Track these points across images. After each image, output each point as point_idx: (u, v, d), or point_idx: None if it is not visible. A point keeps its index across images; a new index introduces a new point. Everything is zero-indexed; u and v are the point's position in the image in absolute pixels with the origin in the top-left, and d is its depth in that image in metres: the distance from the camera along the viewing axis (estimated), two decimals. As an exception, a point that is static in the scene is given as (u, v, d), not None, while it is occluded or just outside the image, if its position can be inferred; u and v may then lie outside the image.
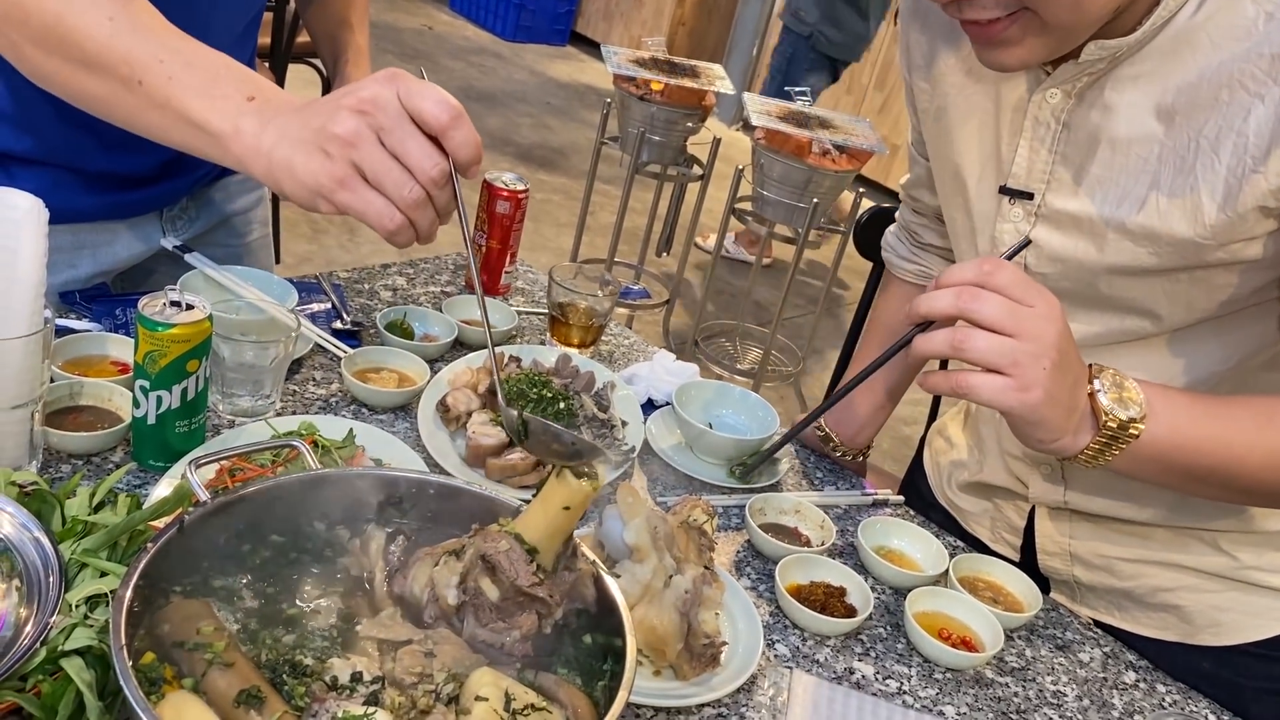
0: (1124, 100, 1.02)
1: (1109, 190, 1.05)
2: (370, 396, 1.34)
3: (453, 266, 1.79)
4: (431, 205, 0.85)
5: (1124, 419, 0.96)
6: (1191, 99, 0.98)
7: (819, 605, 1.16)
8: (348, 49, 1.58)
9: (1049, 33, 0.94)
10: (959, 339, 0.93)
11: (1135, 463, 0.99)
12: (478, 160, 0.86)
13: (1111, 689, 1.18)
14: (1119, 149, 1.04)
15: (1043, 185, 1.11)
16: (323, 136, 0.82)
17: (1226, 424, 1.00)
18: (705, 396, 1.50)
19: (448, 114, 0.83)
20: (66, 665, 0.80)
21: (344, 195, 0.84)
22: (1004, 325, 0.91)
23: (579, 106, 6.90)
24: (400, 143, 0.83)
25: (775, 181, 3.19)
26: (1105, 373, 0.98)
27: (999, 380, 0.92)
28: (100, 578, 0.89)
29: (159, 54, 0.90)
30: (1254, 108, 0.94)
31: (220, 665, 0.73)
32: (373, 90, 0.83)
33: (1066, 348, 0.94)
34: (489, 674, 0.75)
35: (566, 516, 0.79)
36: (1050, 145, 1.09)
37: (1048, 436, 0.96)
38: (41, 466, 1.10)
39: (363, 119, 0.82)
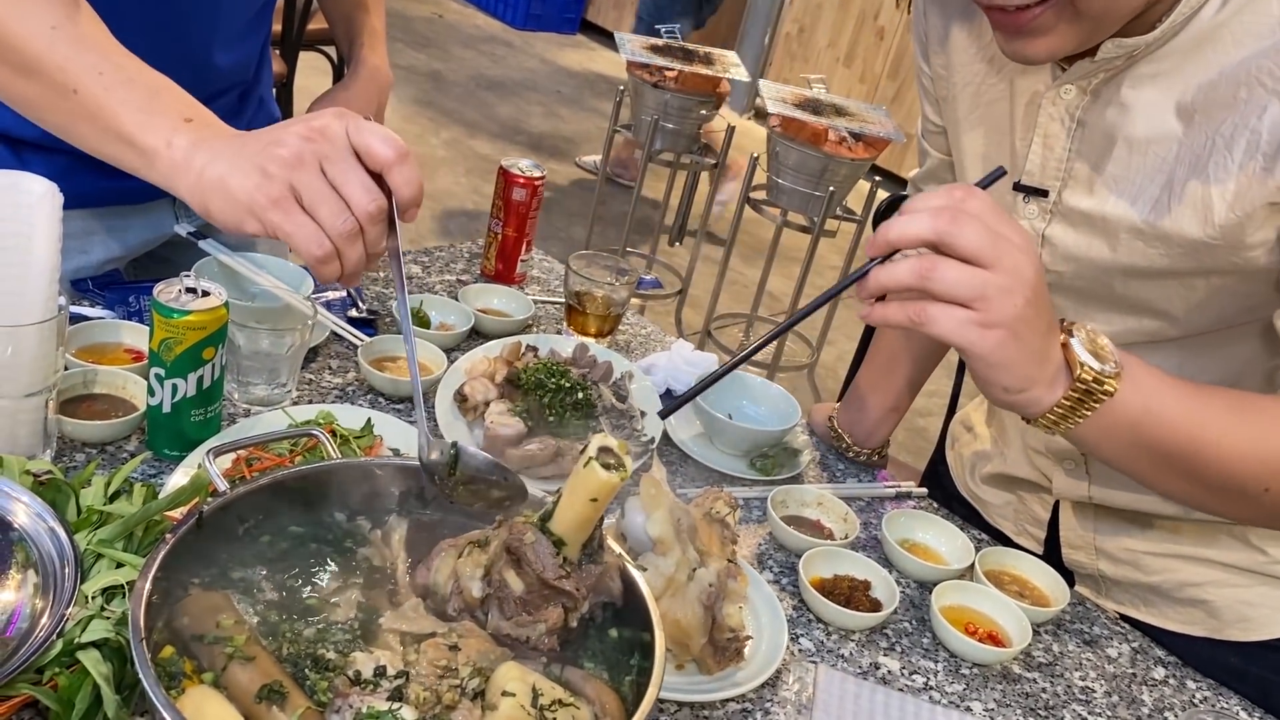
0: (1142, 99, 1.00)
1: (1124, 189, 1.03)
2: (387, 386, 1.32)
3: (468, 255, 1.77)
4: (362, 241, 0.84)
5: (1099, 371, 0.88)
6: (1210, 98, 0.95)
7: (844, 599, 1.14)
8: (363, 31, 1.57)
9: (1080, 21, 0.91)
10: (926, 266, 0.84)
11: (1103, 432, 0.92)
12: (418, 201, 0.86)
13: (1141, 685, 1.16)
14: (1136, 148, 1.01)
15: (1058, 182, 1.09)
16: (264, 156, 0.82)
17: (1201, 406, 0.94)
18: (725, 387, 1.48)
19: (395, 151, 0.83)
20: (83, 658, 0.79)
21: (275, 215, 0.83)
22: (982, 254, 0.83)
23: (590, 95, 6.87)
24: (342, 174, 0.82)
25: (791, 169, 3.16)
26: (1080, 327, 0.92)
27: (961, 312, 0.84)
28: (116, 569, 0.87)
29: (99, 67, 0.90)
30: (1270, 105, 0.92)
31: (241, 659, 0.72)
32: (323, 121, 0.83)
33: (1040, 287, 0.86)
34: (515, 668, 0.73)
35: (593, 508, 0.78)
36: (1065, 142, 1.07)
37: (1013, 383, 0.88)
38: (55, 455, 1.08)
39: (308, 145, 0.82)
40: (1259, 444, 0.93)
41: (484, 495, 0.83)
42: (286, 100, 3.67)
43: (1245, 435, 0.93)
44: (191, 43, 1.31)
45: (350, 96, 1.51)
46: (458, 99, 6.01)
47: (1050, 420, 0.91)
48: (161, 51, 1.27)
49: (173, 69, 1.31)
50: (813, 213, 3.20)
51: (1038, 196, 1.10)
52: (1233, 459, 0.93)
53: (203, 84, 1.38)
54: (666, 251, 4.28)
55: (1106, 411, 0.90)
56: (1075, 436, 0.93)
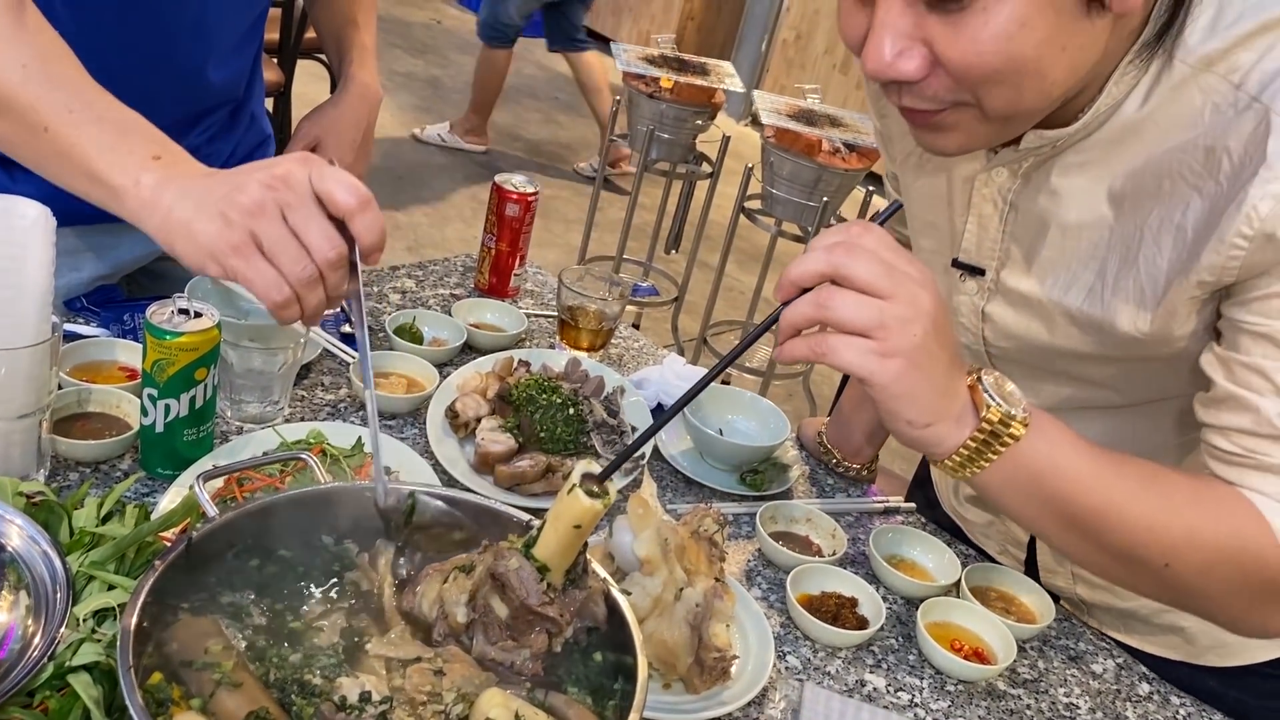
0: (1072, 186, 1.00)
1: (1059, 274, 1.04)
2: (379, 403, 1.33)
3: (462, 269, 1.78)
4: (322, 287, 0.85)
5: (1005, 413, 0.87)
6: (1138, 186, 0.95)
7: (831, 617, 1.15)
8: (353, 48, 1.57)
9: (988, 122, 0.90)
10: (824, 297, 0.85)
11: (1007, 480, 0.90)
12: (380, 246, 0.87)
13: (1125, 701, 1.17)
14: (1069, 234, 1.02)
15: (994, 262, 1.09)
16: (226, 203, 0.83)
17: (1112, 472, 0.92)
18: (716, 402, 1.49)
19: (356, 199, 0.84)
20: (74, 681, 0.80)
21: (236, 261, 0.84)
22: (877, 285, 0.83)
23: (588, 101, 6.88)
24: (303, 221, 0.83)
25: (785, 180, 3.18)
26: (989, 372, 0.91)
27: (861, 342, 0.84)
28: (108, 591, 0.88)
29: (70, 104, 0.91)
30: (1192, 201, 0.92)
31: (229, 685, 0.73)
32: (286, 168, 0.84)
33: (941, 320, 0.86)
34: (498, 694, 0.74)
35: (577, 535, 0.79)
36: (999, 224, 1.07)
37: (917, 416, 0.87)
38: (49, 474, 1.09)
39: (270, 193, 0.83)
40: (1165, 518, 0.91)
41: (443, 539, 0.84)
42: (284, 108, 3.68)
43: (1152, 507, 0.91)
44: (183, 61, 1.32)
45: (339, 114, 1.52)
46: (456, 105, 6.02)
47: (956, 462, 0.90)
48: (152, 70, 1.29)
49: (164, 87, 1.32)
50: (807, 222, 3.21)
51: (975, 274, 1.11)
52: (1137, 529, 0.91)
53: (194, 101, 1.39)
54: (663, 259, 4.29)
55: (1011, 458, 0.89)
56: (980, 484, 0.92)
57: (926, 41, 0.85)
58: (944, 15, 0.83)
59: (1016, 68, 0.83)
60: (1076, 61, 0.86)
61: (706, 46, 7.26)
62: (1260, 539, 0.90)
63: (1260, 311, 0.89)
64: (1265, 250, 0.86)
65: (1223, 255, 0.89)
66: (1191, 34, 0.90)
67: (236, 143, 1.53)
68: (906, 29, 0.85)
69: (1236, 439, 0.92)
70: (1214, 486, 0.93)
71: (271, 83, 3.49)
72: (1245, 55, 0.88)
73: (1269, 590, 0.92)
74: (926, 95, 0.88)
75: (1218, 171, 0.90)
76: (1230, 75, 0.89)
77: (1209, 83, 0.90)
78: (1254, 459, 0.91)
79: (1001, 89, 0.85)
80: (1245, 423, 0.91)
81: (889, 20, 0.85)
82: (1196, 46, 0.90)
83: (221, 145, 1.50)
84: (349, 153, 1.53)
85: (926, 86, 0.87)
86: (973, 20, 0.82)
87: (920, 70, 0.86)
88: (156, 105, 1.34)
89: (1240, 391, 0.91)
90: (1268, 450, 0.90)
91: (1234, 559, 0.91)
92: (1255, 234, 0.86)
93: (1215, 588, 0.93)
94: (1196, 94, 0.91)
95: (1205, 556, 0.91)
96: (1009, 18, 0.81)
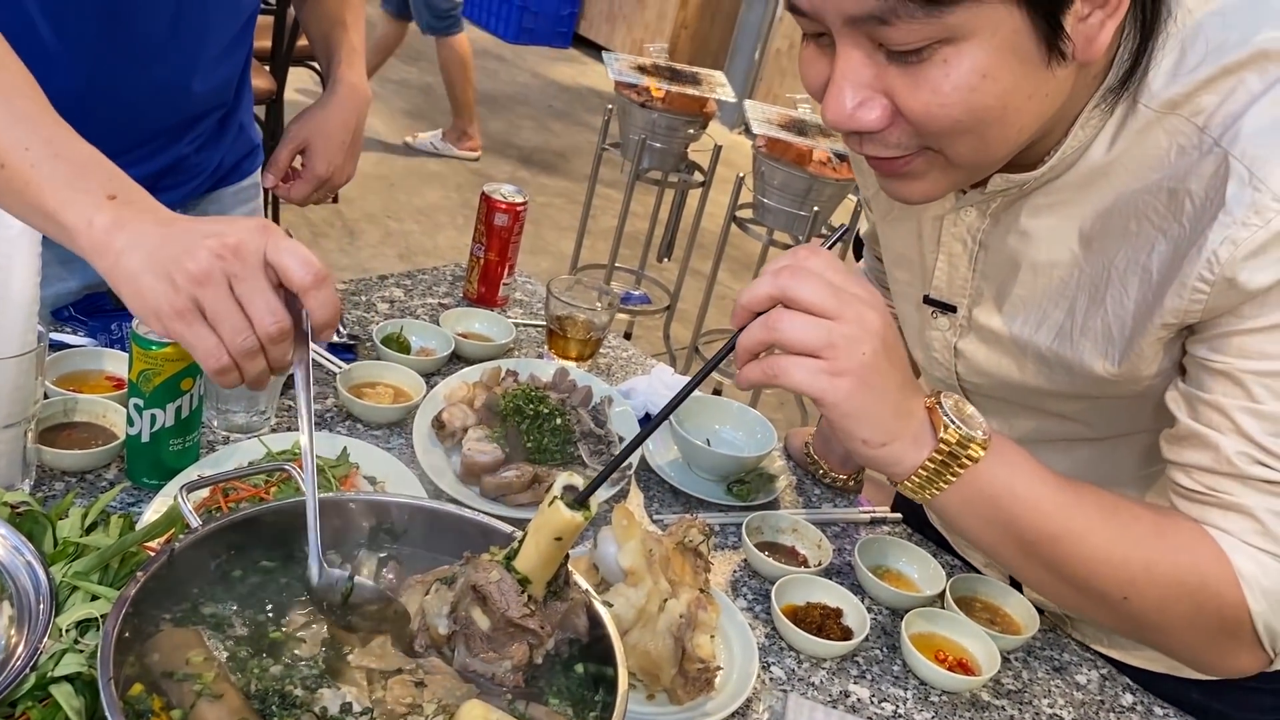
0: (1041, 226, 1.00)
1: (1030, 312, 1.04)
2: (365, 413, 1.33)
3: (451, 278, 1.78)
4: (264, 357, 0.85)
5: (963, 434, 0.87)
6: (1107, 226, 0.96)
7: (815, 627, 1.16)
8: (341, 48, 1.57)
9: (953, 169, 0.90)
10: (773, 319, 0.85)
11: (965, 503, 0.90)
12: (333, 324, 0.87)
13: (1109, 712, 1.17)
14: (1040, 272, 1.02)
15: (965, 299, 1.10)
16: (175, 265, 0.82)
17: (1072, 500, 0.91)
18: (703, 412, 1.49)
19: (311, 276, 0.83)
20: (56, 692, 0.80)
21: (178, 325, 0.84)
22: (823, 306, 0.84)
23: (581, 110, 6.90)
24: (249, 293, 0.83)
25: (776, 189, 3.19)
26: (948, 395, 0.91)
27: (811, 362, 0.84)
28: (91, 601, 0.89)
29: (26, 142, 0.90)
30: (1157, 243, 0.92)
31: (209, 697, 0.73)
32: (239, 238, 0.83)
33: (891, 340, 0.87)
34: (479, 706, 0.74)
35: (558, 547, 0.79)
36: (969, 262, 1.08)
37: (872, 435, 0.87)
38: (34, 484, 1.09)
39: (219, 262, 0.82)
40: (1124, 550, 0.91)
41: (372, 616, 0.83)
42: (277, 116, 3.69)
43: (1111, 539, 0.91)
44: (167, 71, 1.32)
45: (327, 115, 1.53)
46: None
47: (915, 484, 0.90)
48: (137, 81, 1.29)
49: (149, 97, 1.32)
50: (798, 232, 3.22)
51: (948, 311, 1.12)
52: (1096, 560, 0.91)
53: (180, 110, 1.40)
54: (655, 267, 4.30)
55: (970, 480, 0.89)
56: (938, 507, 0.92)
57: (887, 92, 0.84)
58: (904, 67, 0.82)
59: (979, 118, 0.83)
60: (1041, 109, 0.86)
61: (700, 56, 7.28)
62: (1220, 576, 0.89)
63: (1221, 349, 0.89)
64: (1227, 294, 0.87)
65: (1185, 299, 0.89)
66: (1155, 78, 0.90)
67: (225, 152, 1.53)
68: (866, 80, 0.84)
69: (1198, 476, 0.91)
70: (1176, 521, 0.93)
71: (264, 90, 3.49)
72: (1209, 98, 0.88)
73: (1227, 628, 0.91)
74: (890, 143, 0.88)
75: (1181, 214, 0.90)
76: (1195, 117, 0.89)
77: (1174, 124, 0.90)
78: (1215, 497, 0.90)
79: (965, 138, 0.85)
80: (1206, 460, 0.90)
81: (849, 71, 0.84)
82: (1160, 91, 0.90)
83: (209, 155, 1.50)
84: (338, 154, 1.53)
85: (889, 135, 0.87)
86: (933, 72, 0.81)
87: (881, 121, 0.85)
88: (142, 115, 1.35)
89: (1202, 429, 0.90)
90: (1228, 488, 0.89)
91: (1193, 595, 0.90)
92: (1216, 279, 0.86)
93: (1173, 623, 0.92)
94: (1162, 136, 0.91)
95: (1164, 591, 0.90)
96: (970, 69, 0.80)
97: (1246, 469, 0.88)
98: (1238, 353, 0.88)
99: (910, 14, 0.77)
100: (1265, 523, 0.88)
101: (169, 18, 1.26)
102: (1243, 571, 0.88)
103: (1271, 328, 0.86)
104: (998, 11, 0.78)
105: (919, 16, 0.77)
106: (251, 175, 1.63)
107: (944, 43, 0.79)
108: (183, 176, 1.46)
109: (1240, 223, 0.84)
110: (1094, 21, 0.82)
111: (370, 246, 4.38)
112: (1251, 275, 0.84)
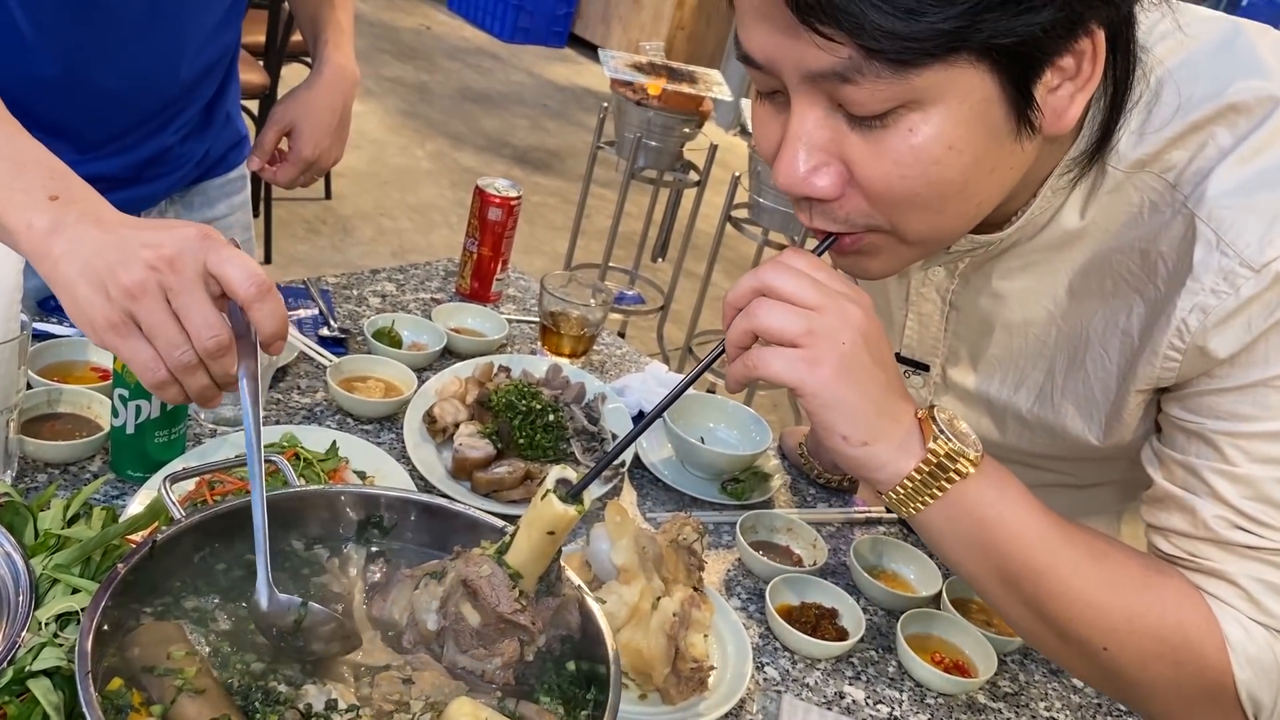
0: (1014, 287, 0.98)
1: (1008, 372, 1.02)
2: (355, 407, 1.31)
3: (444, 273, 1.76)
4: (205, 372, 0.83)
5: (953, 447, 0.83)
6: (1084, 283, 0.93)
7: (810, 627, 1.14)
8: (327, 27, 1.55)
9: (906, 247, 0.86)
10: (751, 306, 0.82)
11: (949, 521, 0.85)
12: (282, 336, 0.84)
13: (1105, 716, 1.16)
14: (1015, 332, 1.00)
15: (938, 358, 1.08)
16: (109, 276, 0.80)
17: (1060, 537, 0.86)
18: (698, 410, 1.48)
19: (255, 286, 0.81)
20: (34, 686, 0.78)
21: (112, 338, 0.81)
22: (803, 297, 0.80)
23: (576, 109, 6.88)
24: (185, 306, 0.81)
25: (772, 189, 3.17)
26: (941, 409, 0.87)
27: (788, 351, 0.80)
28: (71, 594, 0.86)
29: None
30: (1134, 304, 0.90)
31: (190, 692, 0.71)
32: (177, 248, 0.80)
33: (874, 335, 0.82)
34: (468, 704, 0.73)
35: (550, 541, 0.77)
36: (940, 322, 1.06)
37: (853, 433, 0.82)
38: (17, 475, 1.07)
39: (153, 275, 0.80)
40: (1108, 597, 0.86)
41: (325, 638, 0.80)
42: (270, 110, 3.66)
43: (1097, 583, 0.86)
44: (150, 59, 1.29)
45: (313, 97, 1.49)
46: (444, 111, 6.02)
47: (900, 496, 0.85)
48: (118, 70, 1.27)
49: (132, 86, 1.30)
50: (793, 232, 3.21)
51: (920, 370, 1.10)
52: (1079, 603, 0.86)
53: (165, 98, 1.37)
54: (649, 267, 4.28)
55: (956, 498, 0.84)
56: (922, 524, 0.87)
57: (844, 159, 0.79)
58: (865, 133, 0.77)
59: (939, 192, 0.78)
60: (1002, 183, 0.82)
61: (696, 56, 7.27)
62: (1205, 637, 0.85)
63: (1193, 409, 0.86)
64: (1198, 362, 0.84)
65: (1157, 368, 0.87)
66: (1123, 139, 0.87)
67: (211, 143, 1.51)
68: (822, 143, 0.79)
69: (1177, 541, 0.88)
70: (1166, 576, 0.88)
71: (257, 85, 3.47)
72: (1178, 154, 0.86)
73: (1209, 693, 0.86)
74: (839, 218, 0.83)
75: (1155, 276, 0.88)
76: (1166, 174, 0.86)
77: (1145, 181, 0.87)
78: (1196, 563, 0.87)
79: (922, 214, 0.81)
80: (1184, 525, 0.87)
81: (804, 132, 0.79)
82: (1128, 152, 0.87)
83: (195, 145, 1.48)
84: (325, 137, 1.50)
85: (839, 207, 0.82)
86: (895, 141, 0.76)
87: (834, 189, 0.80)
88: (125, 103, 1.32)
89: (1177, 491, 0.87)
90: (1208, 554, 0.86)
91: (1175, 653, 0.86)
92: (1187, 347, 0.84)
93: (1154, 680, 0.87)
94: (1134, 193, 0.88)
95: (1146, 645, 0.86)
96: (935, 138, 0.75)
97: (1225, 534, 0.84)
98: (1210, 413, 0.85)
99: (876, 73, 0.72)
100: (1249, 590, 0.84)
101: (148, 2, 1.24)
102: (1229, 636, 0.85)
103: (1243, 388, 0.83)
104: (968, 77, 0.73)
105: (885, 76, 0.72)
106: (238, 168, 1.60)
107: (909, 108, 0.74)
108: (168, 167, 1.44)
109: (1209, 290, 0.82)
110: (1064, 94, 0.77)
111: (363, 244, 4.36)
112: (1222, 342, 0.82)
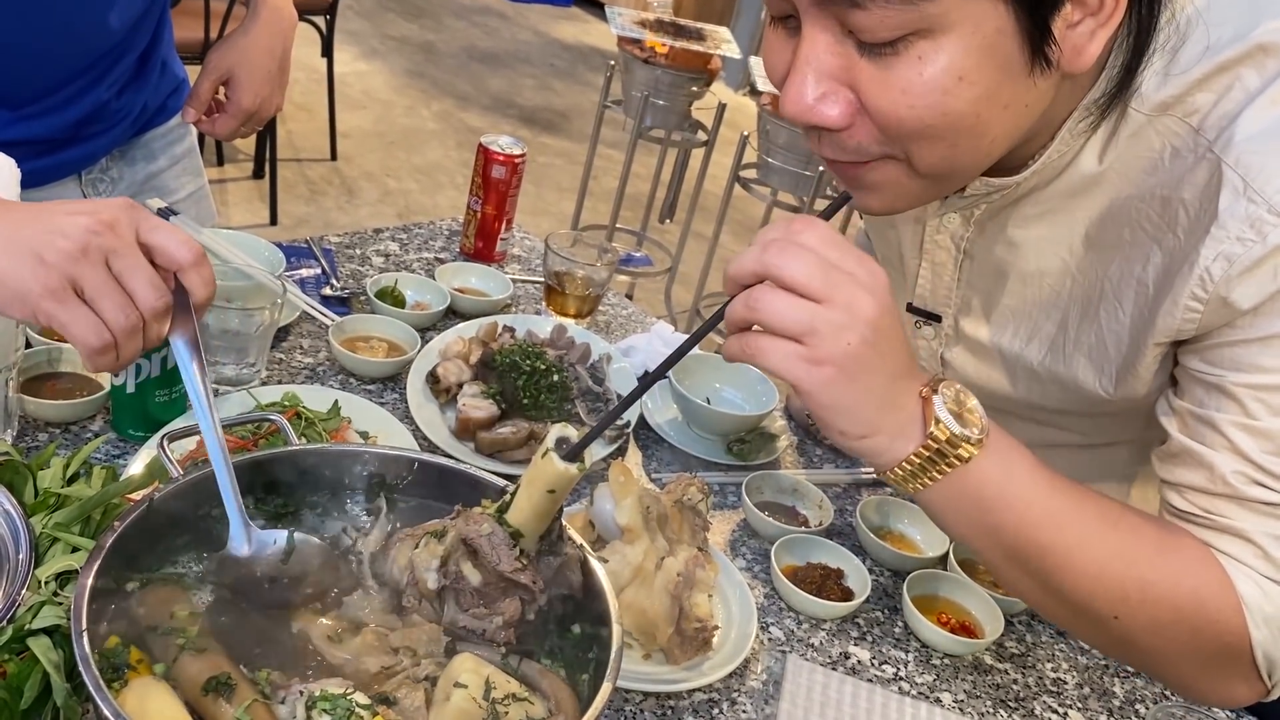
0: (1030, 235, 0.95)
1: (1020, 324, 1.00)
2: (358, 366, 1.30)
3: (447, 232, 1.75)
4: (141, 336, 0.82)
5: (954, 433, 0.79)
6: (1100, 233, 0.91)
7: (815, 588, 1.13)
8: None
9: (918, 180, 0.82)
10: (754, 298, 0.77)
11: (950, 501, 0.83)
12: (210, 300, 0.86)
13: (1113, 677, 1.16)
14: (1029, 281, 0.97)
15: (951, 309, 1.06)
16: (44, 245, 0.78)
17: (1069, 507, 0.84)
18: (703, 370, 1.46)
19: (189, 253, 0.82)
20: (33, 645, 0.78)
21: (50, 305, 0.79)
22: (810, 287, 0.75)
23: (583, 69, 6.82)
24: (129, 269, 0.80)
25: (781, 149, 3.14)
26: (950, 384, 0.82)
27: (789, 346, 0.76)
28: (71, 553, 0.86)
29: None
30: (1152, 254, 0.87)
31: (192, 651, 0.71)
32: (112, 214, 0.80)
33: (885, 327, 0.78)
34: (470, 659, 0.72)
35: (551, 500, 0.76)
36: (954, 270, 1.03)
37: (850, 428, 0.79)
38: (17, 435, 1.07)
39: (94, 237, 0.78)
40: (1119, 566, 0.83)
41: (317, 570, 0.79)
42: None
43: (1106, 553, 0.83)
44: (78, 9, 1.24)
45: (250, 42, 1.42)
46: (450, 71, 5.96)
47: (900, 476, 0.82)
48: (47, 22, 1.21)
49: (62, 39, 1.24)
50: (802, 192, 3.18)
51: (932, 320, 1.07)
52: (1087, 576, 0.83)
53: (95, 52, 1.31)
54: (657, 229, 4.26)
55: (958, 479, 0.81)
56: (923, 500, 0.84)
57: (853, 87, 0.76)
58: (874, 60, 0.74)
59: (951, 124, 0.76)
60: (1017, 121, 0.79)
61: (705, 13, 7.16)
62: (1221, 601, 0.83)
63: (1214, 361, 0.84)
64: (1220, 313, 0.82)
65: (1177, 318, 0.85)
66: (1146, 80, 0.84)
67: (148, 94, 1.44)
68: (832, 69, 0.76)
69: (1192, 497, 0.86)
70: (1180, 539, 0.86)
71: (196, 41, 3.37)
72: (1203, 96, 0.83)
73: (1224, 657, 0.85)
74: (849, 146, 0.80)
75: (1175, 224, 0.85)
76: (1189, 117, 0.84)
77: (1167, 125, 0.85)
78: (1211, 520, 0.85)
79: (934, 145, 0.78)
80: (1200, 480, 0.85)
81: (813, 57, 0.76)
82: (1152, 94, 0.84)
83: (132, 98, 1.41)
84: (264, 85, 1.43)
85: (849, 136, 0.79)
86: (905, 69, 0.74)
87: (844, 118, 0.78)
88: (56, 60, 1.26)
89: (1195, 446, 0.85)
90: (1224, 510, 0.84)
91: (1189, 620, 0.84)
92: (1210, 297, 0.82)
93: (1167, 648, 0.86)
94: (1155, 137, 0.86)
95: (1158, 613, 0.84)
96: (946, 69, 0.73)
97: (1243, 489, 0.82)
98: (1231, 365, 0.83)
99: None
100: (1265, 547, 0.82)
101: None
102: (1244, 596, 0.83)
103: (1267, 339, 0.81)
104: (981, 5, 0.71)
105: (894, 2, 0.70)
106: (179, 114, 1.50)
107: (920, 36, 0.72)
108: (105, 123, 1.38)
109: (1235, 238, 0.79)
110: (1084, 30, 0.75)
111: (369, 205, 4.34)
112: (1246, 292, 0.80)
